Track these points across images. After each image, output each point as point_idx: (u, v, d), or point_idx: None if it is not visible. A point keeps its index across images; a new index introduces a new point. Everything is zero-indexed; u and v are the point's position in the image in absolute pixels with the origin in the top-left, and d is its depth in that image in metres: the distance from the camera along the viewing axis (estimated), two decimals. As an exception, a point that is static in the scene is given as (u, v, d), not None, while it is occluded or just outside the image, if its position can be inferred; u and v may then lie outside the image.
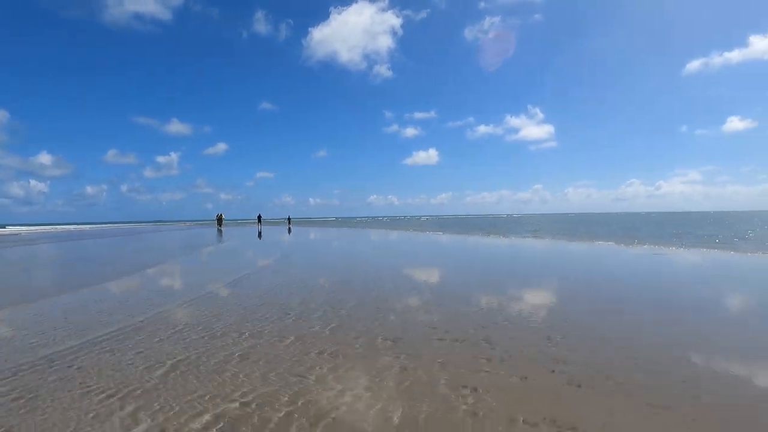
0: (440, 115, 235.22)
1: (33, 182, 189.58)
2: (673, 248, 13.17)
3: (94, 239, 24.89)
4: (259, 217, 47.22)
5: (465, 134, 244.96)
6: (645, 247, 13.93)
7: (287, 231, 33.69)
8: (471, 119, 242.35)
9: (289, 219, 55.44)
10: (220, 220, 41.63)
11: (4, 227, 68.27)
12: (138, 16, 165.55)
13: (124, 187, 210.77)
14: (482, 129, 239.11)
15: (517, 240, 18.33)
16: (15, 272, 10.11)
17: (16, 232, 47.60)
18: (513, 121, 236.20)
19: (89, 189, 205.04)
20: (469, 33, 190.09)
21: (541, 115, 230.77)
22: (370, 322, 4.49)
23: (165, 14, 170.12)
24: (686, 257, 10.81)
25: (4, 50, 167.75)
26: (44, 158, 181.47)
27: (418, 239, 20.68)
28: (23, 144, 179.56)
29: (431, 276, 7.98)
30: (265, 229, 38.61)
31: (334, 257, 11.87)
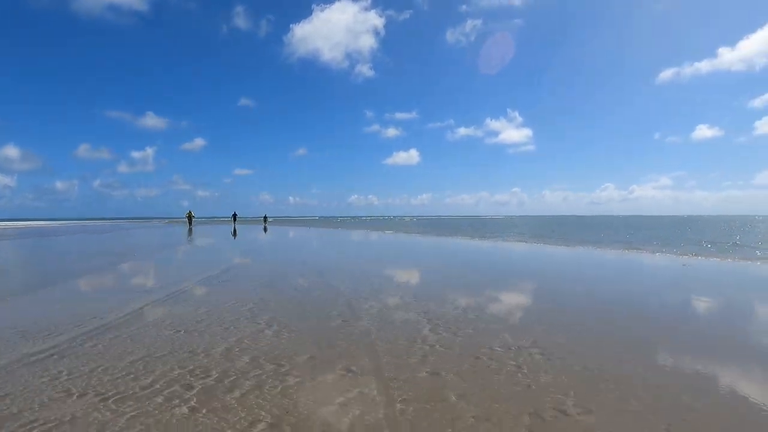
0: (421, 116, 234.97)
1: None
2: (705, 258, 11.81)
3: (46, 238, 22.04)
4: (234, 215, 44.81)
5: (445, 136, 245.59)
6: (676, 256, 12.52)
7: (263, 230, 31.35)
8: (451, 121, 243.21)
9: (265, 218, 52.81)
10: (190, 218, 39.30)
11: None
12: (112, 7, 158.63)
13: (96, 183, 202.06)
14: (462, 131, 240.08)
15: (509, 244, 16.76)
16: None
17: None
18: (493, 124, 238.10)
19: (59, 184, 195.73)
20: (451, 35, 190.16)
21: (520, 119, 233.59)
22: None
23: (141, 5, 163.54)
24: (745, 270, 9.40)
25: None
26: (11, 151, 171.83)
27: (403, 242, 18.88)
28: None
29: (422, 289, 6.18)
30: (240, 227, 36.07)
31: (304, 265, 9.92)
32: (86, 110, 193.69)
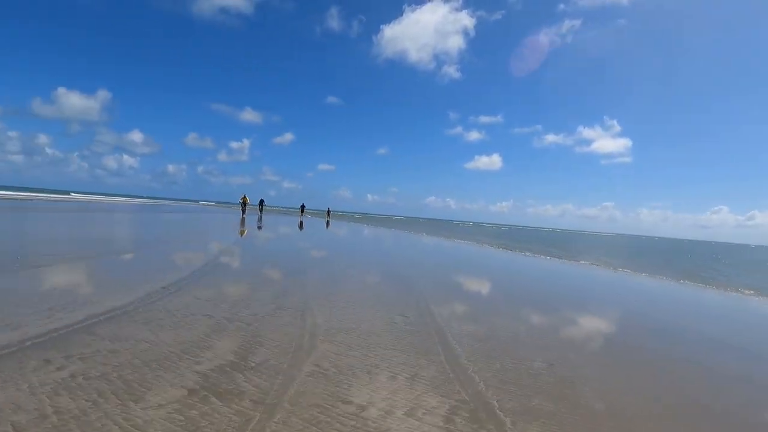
0: (507, 120, 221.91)
1: (126, 157, 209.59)
2: None
3: (133, 213, 22.49)
4: (302, 207, 44.11)
5: (532, 142, 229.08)
6: None
7: (326, 224, 29.56)
8: (539, 127, 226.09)
9: (328, 211, 49.38)
10: (244, 204, 32.10)
11: (68, 194, 72.44)
12: (224, 10, 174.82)
13: (200, 169, 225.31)
14: (551, 138, 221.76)
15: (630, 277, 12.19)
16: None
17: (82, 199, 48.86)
18: (586, 132, 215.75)
19: (170, 168, 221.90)
20: (545, 36, 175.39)
21: (618, 128, 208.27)
22: None
23: (247, 8, 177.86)
24: None
25: (109, 39, 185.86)
26: (136, 136, 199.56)
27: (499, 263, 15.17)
28: (119, 121, 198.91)
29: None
30: (300, 220, 34.96)
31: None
32: (196, 102, 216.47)
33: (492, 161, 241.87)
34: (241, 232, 15.18)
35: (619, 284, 10.16)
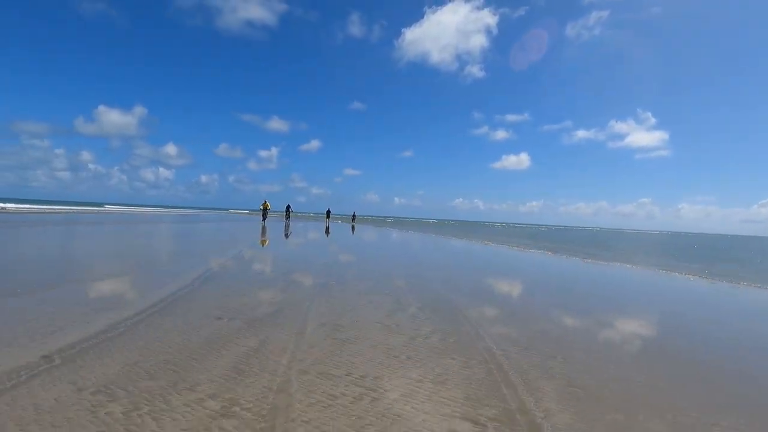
0: (534, 118, 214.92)
1: (161, 169, 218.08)
2: None
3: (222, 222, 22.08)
4: (328, 212, 43.32)
5: (561, 139, 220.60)
6: None
7: (351, 229, 28.26)
8: (569, 123, 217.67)
9: (328, 213, 43.62)
10: (265, 210, 29.21)
11: (102, 206, 74.67)
12: (249, 23, 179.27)
13: (231, 178, 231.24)
14: (581, 134, 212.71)
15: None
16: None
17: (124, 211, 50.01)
18: (618, 126, 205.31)
19: (203, 178, 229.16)
20: (571, 30, 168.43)
21: (652, 120, 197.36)
22: None
23: (271, 20, 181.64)
24: None
25: (144, 57, 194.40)
26: (170, 148, 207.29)
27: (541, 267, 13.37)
28: (155, 135, 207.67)
29: None
30: (319, 225, 33.91)
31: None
32: (226, 113, 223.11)
33: (520, 160, 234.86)
34: (263, 242, 14.05)
35: (743, 307, 8.21)
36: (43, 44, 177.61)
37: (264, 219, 29.56)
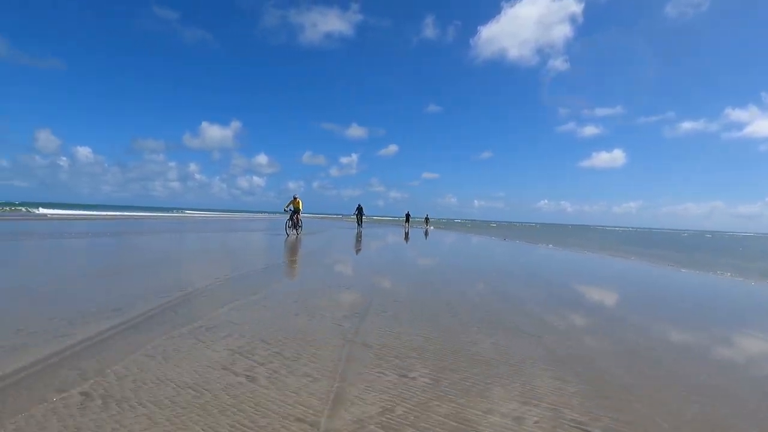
0: (628, 110, 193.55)
1: (255, 178, 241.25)
2: None
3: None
4: (407, 216, 43.61)
5: (662, 132, 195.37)
6: None
7: (424, 234, 28.05)
8: (671, 114, 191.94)
9: (426, 219, 44.71)
10: (296, 211, 18.91)
11: (182, 210, 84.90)
12: (328, 36, 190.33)
13: (315, 184, 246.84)
14: (687, 125, 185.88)
15: None
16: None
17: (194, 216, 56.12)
18: (735, 114, 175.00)
19: (291, 185, 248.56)
20: (672, 8, 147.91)
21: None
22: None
23: (348, 30, 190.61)
24: None
25: (237, 75, 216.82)
26: (261, 158, 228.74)
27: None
28: (248, 146, 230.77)
29: None
30: (386, 230, 34.19)
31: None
32: (308, 123, 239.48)
33: (613, 157, 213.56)
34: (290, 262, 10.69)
35: None
36: (156, 71, 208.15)
37: (293, 226, 18.75)
